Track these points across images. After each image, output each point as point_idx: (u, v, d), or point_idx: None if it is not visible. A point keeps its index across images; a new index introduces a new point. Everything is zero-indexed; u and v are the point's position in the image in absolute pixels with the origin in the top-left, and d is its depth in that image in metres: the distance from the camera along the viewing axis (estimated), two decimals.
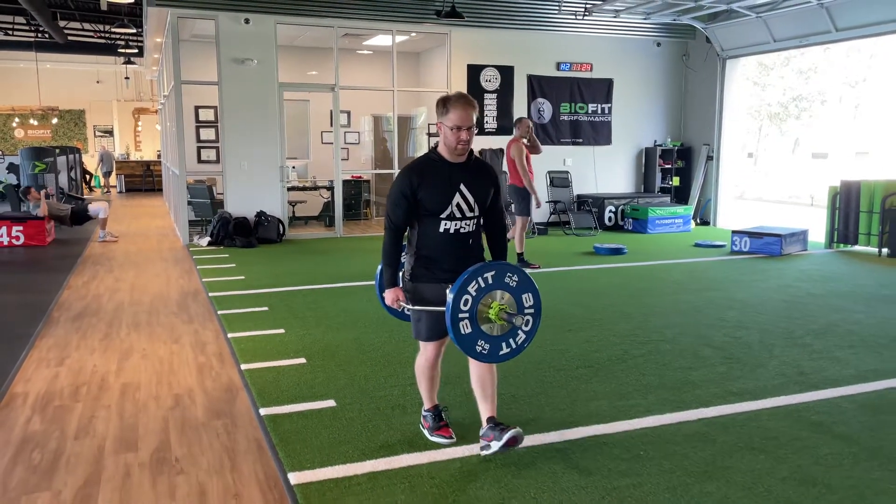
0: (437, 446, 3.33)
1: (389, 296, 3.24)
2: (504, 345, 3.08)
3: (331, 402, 3.90)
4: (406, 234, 3.24)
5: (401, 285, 3.29)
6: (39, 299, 6.52)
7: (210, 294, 6.73)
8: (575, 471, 3.09)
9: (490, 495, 2.86)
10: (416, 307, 3.20)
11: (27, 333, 5.33)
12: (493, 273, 3.01)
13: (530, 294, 3.10)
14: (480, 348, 3.03)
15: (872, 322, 5.68)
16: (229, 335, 5.27)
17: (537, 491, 2.91)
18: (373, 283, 3.90)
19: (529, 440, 3.36)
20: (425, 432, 3.42)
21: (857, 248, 9.60)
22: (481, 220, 3.26)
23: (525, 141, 7.98)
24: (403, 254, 3.28)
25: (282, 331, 5.41)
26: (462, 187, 3.13)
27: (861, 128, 25.92)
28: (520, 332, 3.10)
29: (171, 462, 3.23)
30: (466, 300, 2.96)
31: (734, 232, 9.58)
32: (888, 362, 4.64)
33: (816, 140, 29.42)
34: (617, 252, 9.31)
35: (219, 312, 5.98)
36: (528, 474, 3.06)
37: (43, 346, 5.07)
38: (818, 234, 10.14)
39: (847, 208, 9.59)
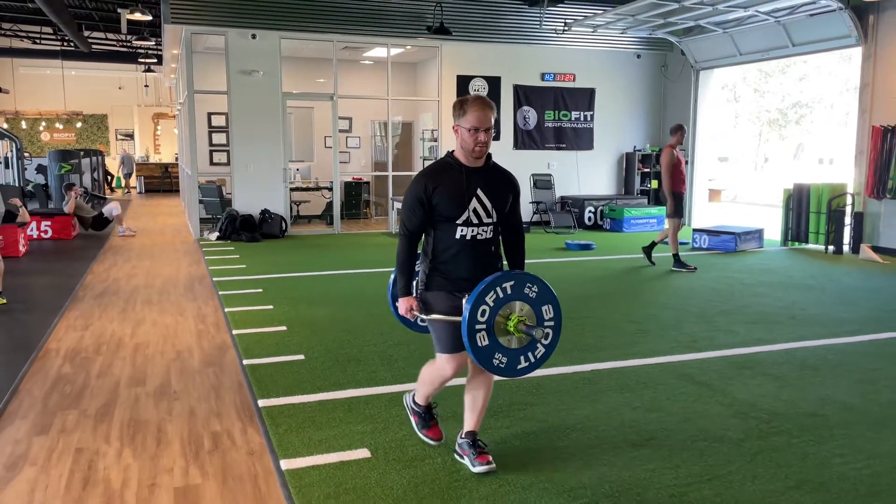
0: (379, 383, 4.27)
1: (403, 305, 3.10)
2: (522, 358, 2.97)
3: (300, 356, 4.86)
4: (421, 242, 3.13)
5: (415, 295, 3.15)
6: (67, 281, 7.54)
7: (214, 279, 7.73)
8: None
9: (405, 414, 3.78)
10: (431, 317, 3.07)
11: (58, 307, 6.34)
12: (512, 283, 2.90)
13: (550, 306, 3.00)
14: (498, 361, 2.93)
15: (780, 305, 6.54)
16: (226, 309, 6.25)
17: (449, 413, 3.82)
18: (360, 270, 4.55)
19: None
20: (414, 426, 3.43)
21: (808, 245, 10.43)
22: (499, 228, 3.14)
23: (679, 147, 8.31)
24: (418, 262, 3.15)
25: (271, 307, 6.38)
26: (479, 192, 3.01)
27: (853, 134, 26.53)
28: (539, 345, 2.99)
29: (170, 393, 4.20)
30: (484, 311, 2.86)
31: (695, 230, 10.46)
32: (773, 333, 5.52)
33: (818, 146, 30.07)
34: (586, 248, 10.21)
35: (219, 293, 6.97)
36: (443, 402, 3.97)
37: (71, 317, 6.07)
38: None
39: (799, 209, 10.42)
